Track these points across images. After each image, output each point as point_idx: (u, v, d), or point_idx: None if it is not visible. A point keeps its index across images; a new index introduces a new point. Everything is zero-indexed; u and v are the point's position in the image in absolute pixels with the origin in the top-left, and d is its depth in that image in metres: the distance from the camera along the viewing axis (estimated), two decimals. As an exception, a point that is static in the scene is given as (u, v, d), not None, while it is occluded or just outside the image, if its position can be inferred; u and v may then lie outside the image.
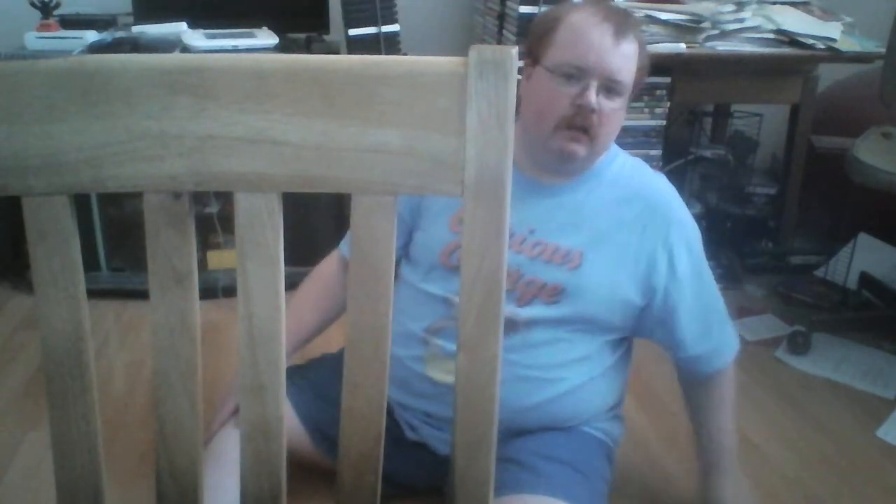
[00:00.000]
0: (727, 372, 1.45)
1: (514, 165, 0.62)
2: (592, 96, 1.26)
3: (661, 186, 1.41)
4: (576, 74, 1.27)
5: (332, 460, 1.46)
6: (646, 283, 1.36)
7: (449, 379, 1.06)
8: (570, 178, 1.38)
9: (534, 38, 1.35)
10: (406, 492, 1.43)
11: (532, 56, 1.34)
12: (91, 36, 2.31)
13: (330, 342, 1.63)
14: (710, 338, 1.41)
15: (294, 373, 1.49)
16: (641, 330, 1.43)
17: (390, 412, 1.39)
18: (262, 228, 0.65)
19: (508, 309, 1.33)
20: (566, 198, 1.37)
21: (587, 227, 1.35)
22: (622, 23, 1.29)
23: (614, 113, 1.30)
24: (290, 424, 1.16)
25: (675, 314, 1.37)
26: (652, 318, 1.39)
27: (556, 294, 1.34)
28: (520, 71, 2.15)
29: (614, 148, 1.42)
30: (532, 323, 1.34)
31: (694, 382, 1.47)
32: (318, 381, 1.51)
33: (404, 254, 1.48)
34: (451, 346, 1.11)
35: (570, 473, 1.33)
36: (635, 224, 1.35)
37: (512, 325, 1.33)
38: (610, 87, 1.28)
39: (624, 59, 1.28)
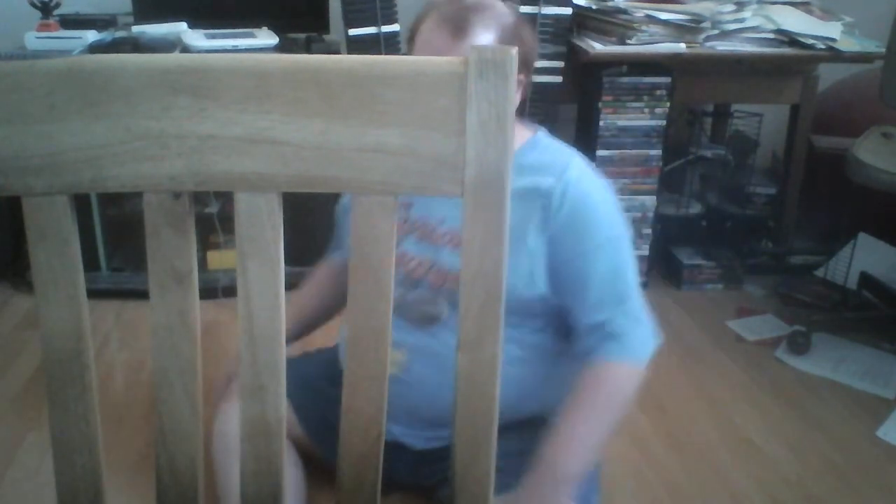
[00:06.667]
0: (614, 371, 1.33)
1: None
2: None
3: (570, 173, 1.36)
4: None
5: (319, 452, 1.47)
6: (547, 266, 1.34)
7: (393, 370, 1.03)
8: None
9: (407, 45, 1.44)
10: (390, 487, 1.42)
11: None
12: (91, 36, 2.31)
13: (330, 336, 1.64)
14: (602, 310, 1.33)
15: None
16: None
17: None
18: (261, 228, 0.65)
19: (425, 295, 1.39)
20: None
21: None
22: (459, 23, 1.33)
23: None
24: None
25: (582, 279, 1.35)
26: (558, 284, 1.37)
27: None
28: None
29: (533, 139, 1.42)
30: (451, 307, 1.36)
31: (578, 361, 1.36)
32: (307, 371, 1.53)
33: None
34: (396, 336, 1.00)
35: None
36: (532, 213, 1.34)
37: (434, 315, 1.39)
38: None
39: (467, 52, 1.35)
